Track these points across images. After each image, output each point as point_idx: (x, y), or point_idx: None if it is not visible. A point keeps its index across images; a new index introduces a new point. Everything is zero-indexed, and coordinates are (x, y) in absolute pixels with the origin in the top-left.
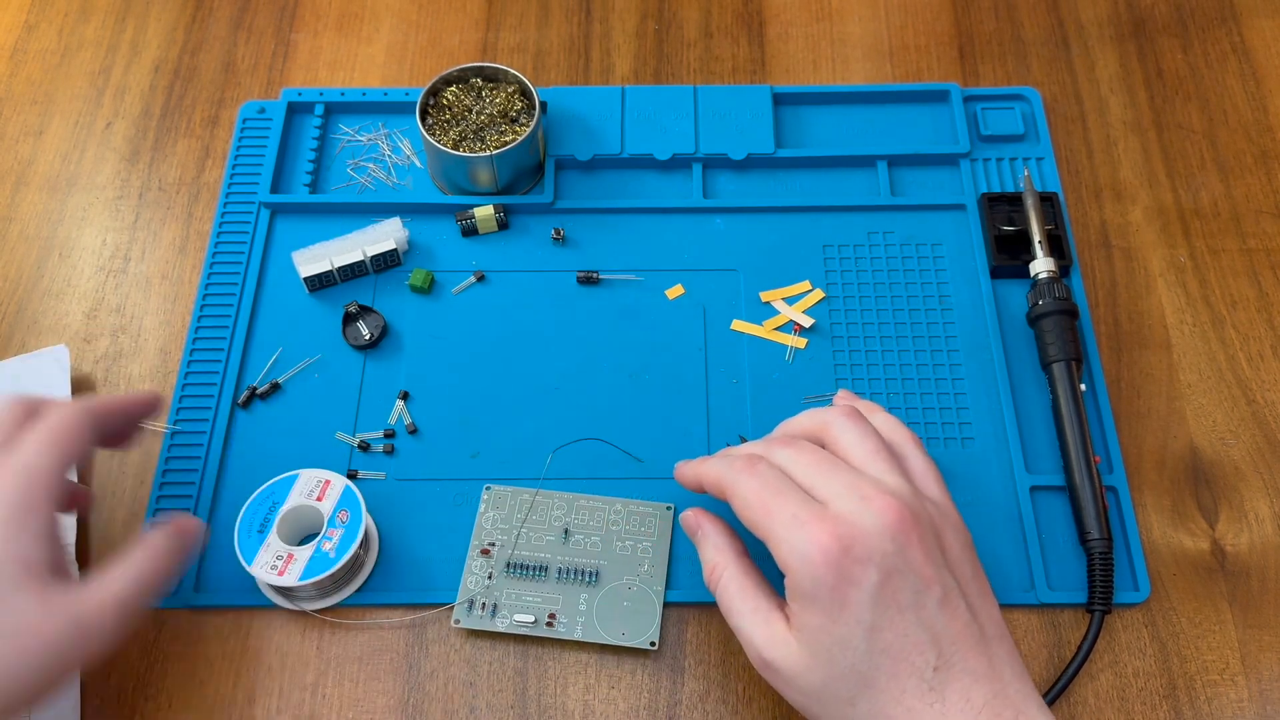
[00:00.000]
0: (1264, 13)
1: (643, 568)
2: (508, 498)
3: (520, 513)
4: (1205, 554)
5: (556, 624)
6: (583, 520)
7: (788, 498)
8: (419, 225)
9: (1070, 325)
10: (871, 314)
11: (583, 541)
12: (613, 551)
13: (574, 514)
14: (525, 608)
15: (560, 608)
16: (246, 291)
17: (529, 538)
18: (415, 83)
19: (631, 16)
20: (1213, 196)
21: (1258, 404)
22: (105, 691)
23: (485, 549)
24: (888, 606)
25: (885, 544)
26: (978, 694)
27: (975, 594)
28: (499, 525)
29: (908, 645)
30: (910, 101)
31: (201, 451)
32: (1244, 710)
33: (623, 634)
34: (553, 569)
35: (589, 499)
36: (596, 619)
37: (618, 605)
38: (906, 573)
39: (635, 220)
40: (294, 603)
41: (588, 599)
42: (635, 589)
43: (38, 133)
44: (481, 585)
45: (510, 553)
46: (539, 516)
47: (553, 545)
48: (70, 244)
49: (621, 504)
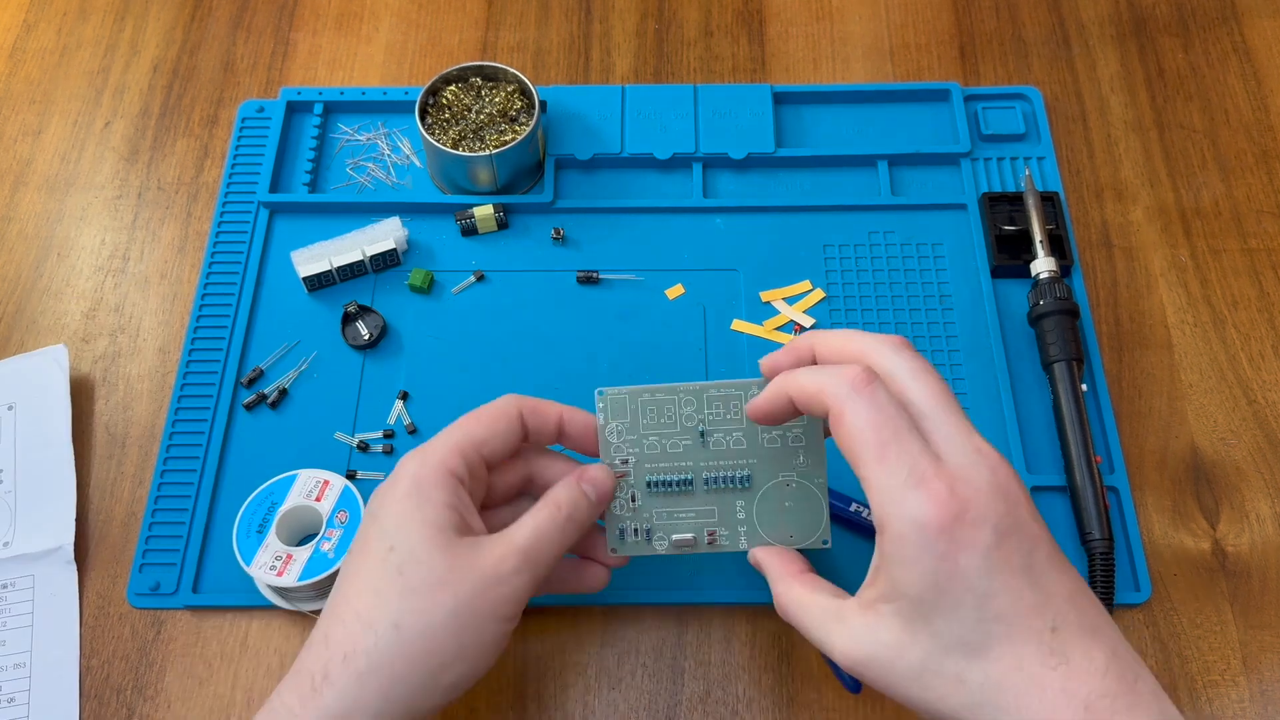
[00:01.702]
0: (1265, 12)
1: (798, 459)
2: (626, 401)
3: (646, 417)
4: (1206, 554)
5: (719, 540)
6: (718, 414)
7: (905, 443)
8: (418, 225)
9: (1071, 325)
10: (872, 314)
11: (724, 441)
12: (759, 446)
13: (707, 408)
14: (681, 526)
15: (717, 520)
16: (245, 291)
17: (663, 446)
18: (415, 82)
19: (631, 15)
20: (1214, 196)
21: (1259, 404)
22: (105, 691)
23: (621, 472)
24: (1001, 569)
25: (999, 503)
26: (1098, 654)
27: None
28: (626, 438)
29: (1023, 609)
30: (911, 101)
31: (200, 451)
32: (1245, 710)
33: (791, 536)
34: (699, 480)
35: (720, 386)
36: (759, 525)
37: (778, 506)
38: (1018, 533)
39: (635, 220)
40: (293, 603)
41: (744, 505)
42: (794, 485)
43: (36, 132)
44: (628, 510)
45: (647, 468)
46: (669, 419)
47: (692, 451)
48: (69, 244)
49: (758, 386)
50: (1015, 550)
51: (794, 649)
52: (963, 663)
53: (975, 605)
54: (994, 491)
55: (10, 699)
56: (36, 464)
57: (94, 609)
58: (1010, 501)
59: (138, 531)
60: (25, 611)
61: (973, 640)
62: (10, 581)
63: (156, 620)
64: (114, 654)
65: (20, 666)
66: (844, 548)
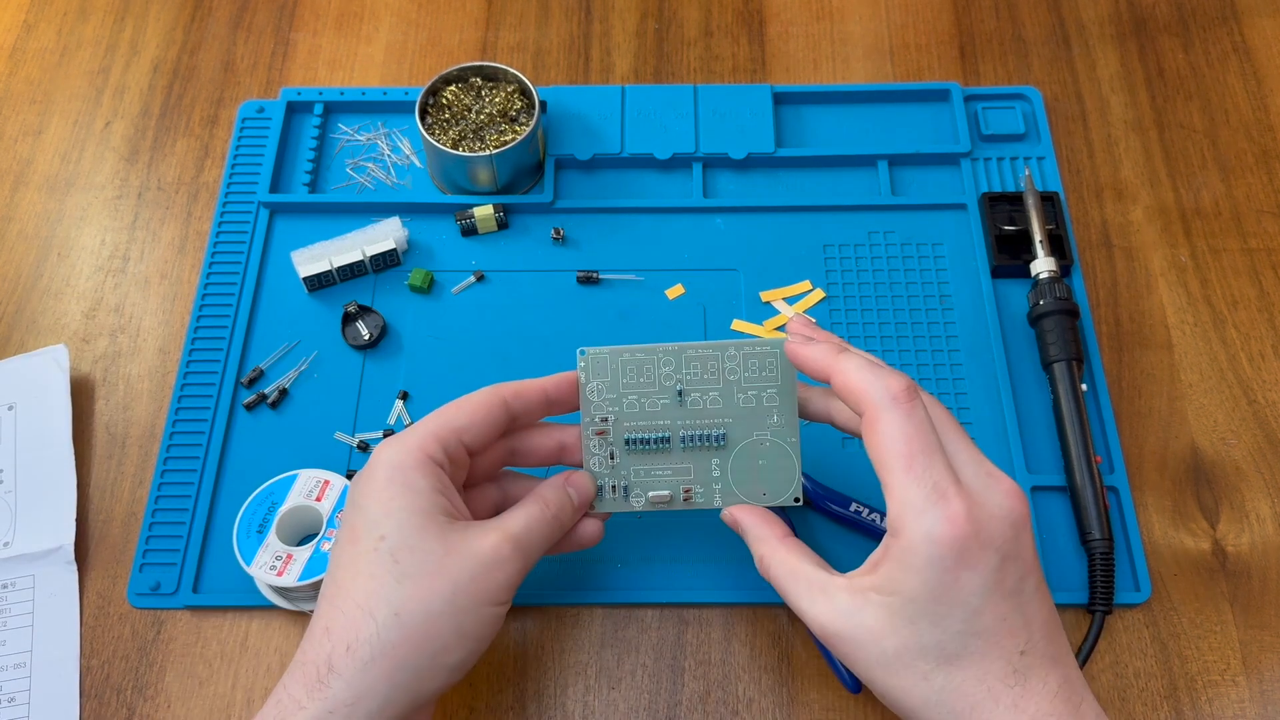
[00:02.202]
0: (1265, 12)
1: (771, 419)
2: (606, 360)
3: (626, 376)
4: (1206, 554)
5: (694, 496)
6: (695, 374)
7: (934, 460)
8: (418, 225)
9: (1071, 325)
10: (872, 314)
11: (700, 400)
12: (735, 405)
13: (685, 368)
14: (657, 483)
15: (693, 478)
16: (245, 291)
17: (641, 405)
18: (415, 82)
19: (631, 15)
20: (1214, 196)
21: (1259, 404)
22: (105, 691)
23: (600, 429)
24: (994, 592)
25: (1006, 530)
26: (1053, 679)
27: None
28: (606, 396)
29: (1003, 630)
30: (911, 101)
31: (201, 451)
32: (1245, 711)
33: (764, 494)
34: (675, 438)
35: (698, 347)
36: (734, 483)
37: (752, 465)
38: (1017, 559)
39: (635, 220)
40: (293, 603)
41: (719, 463)
42: (769, 444)
43: (36, 132)
44: (606, 467)
45: (626, 426)
46: (648, 379)
47: (669, 410)
48: (69, 244)
49: (735, 347)
50: (1011, 575)
51: (794, 649)
52: (933, 665)
53: (963, 619)
54: (1005, 519)
55: (10, 699)
56: (37, 464)
57: (94, 609)
58: (1017, 529)
59: (138, 531)
60: (25, 611)
61: (951, 649)
62: (10, 581)
63: (156, 620)
64: (114, 654)
65: (20, 666)
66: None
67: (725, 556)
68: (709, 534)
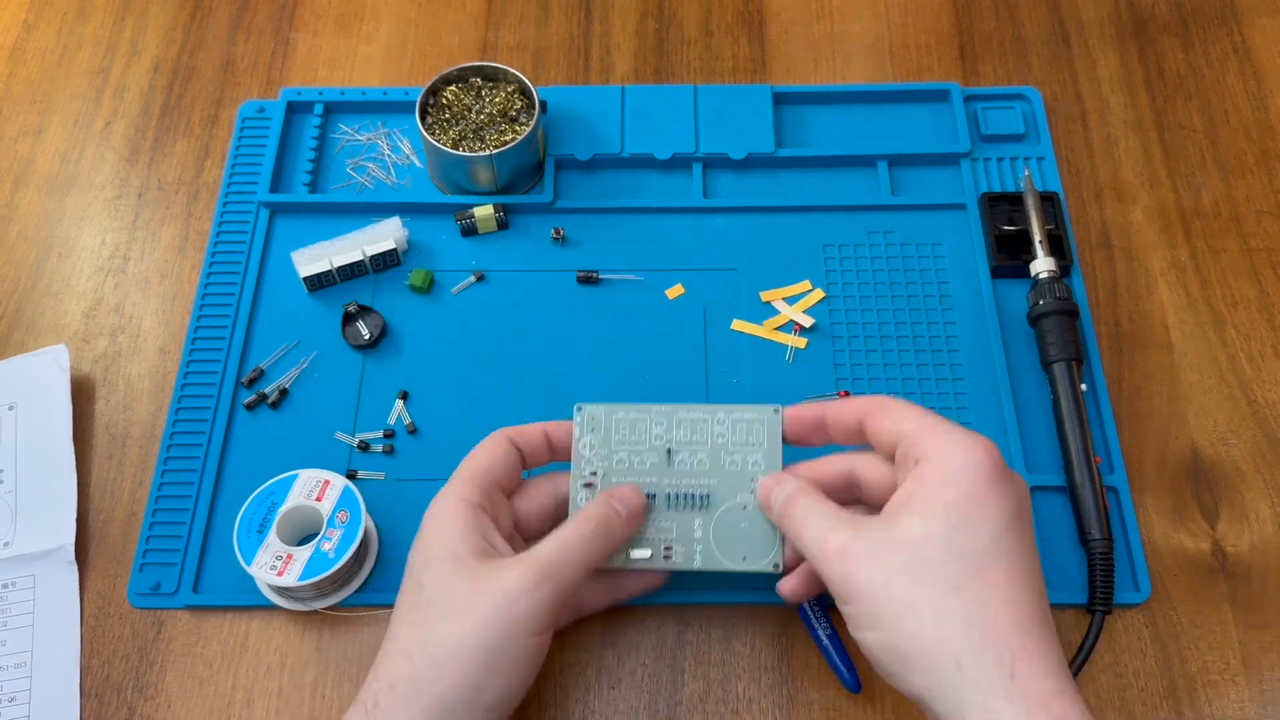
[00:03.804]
0: (1264, 12)
1: (755, 482)
2: (601, 417)
3: (618, 433)
4: (1206, 554)
5: (674, 555)
6: (685, 436)
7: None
8: (418, 225)
9: (1071, 325)
10: (872, 314)
11: (688, 461)
12: (721, 468)
13: (676, 430)
14: (640, 541)
15: (675, 536)
16: (246, 291)
17: (631, 462)
18: (415, 82)
19: (631, 15)
20: (1213, 196)
21: (1258, 404)
22: (105, 691)
23: (589, 482)
24: (1019, 517)
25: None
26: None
27: None
28: (598, 451)
29: (1027, 564)
30: (911, 101)
31: (201, 451)
32: (1245, 710)
33: (743, 558)
34: (660, 496)
35: (690, 409)
36: (714, 545)
37: (734, 528)
38: (1028, 520)
39: (635, 220)
40: (293, 603)
41: (702, 524)
42: (750, 508)
43: (37, 132)
44: None
45: (614, 481)
46: (639, 437)
47: (657, 468)
48: (69, 244)
49: (724, 412)
50: (1028, 512)
51: (794, 649)
52: (967, 573)
53: (999, 527)
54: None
55: (10, 699)
56: (37, 464)
57: (94, 609)
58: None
59: (138, 531)
60: (26, 611)
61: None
62: (11, 581)
63: (156, 620)
64: (114, 654)
65: (20, 666)
66: None
67: None
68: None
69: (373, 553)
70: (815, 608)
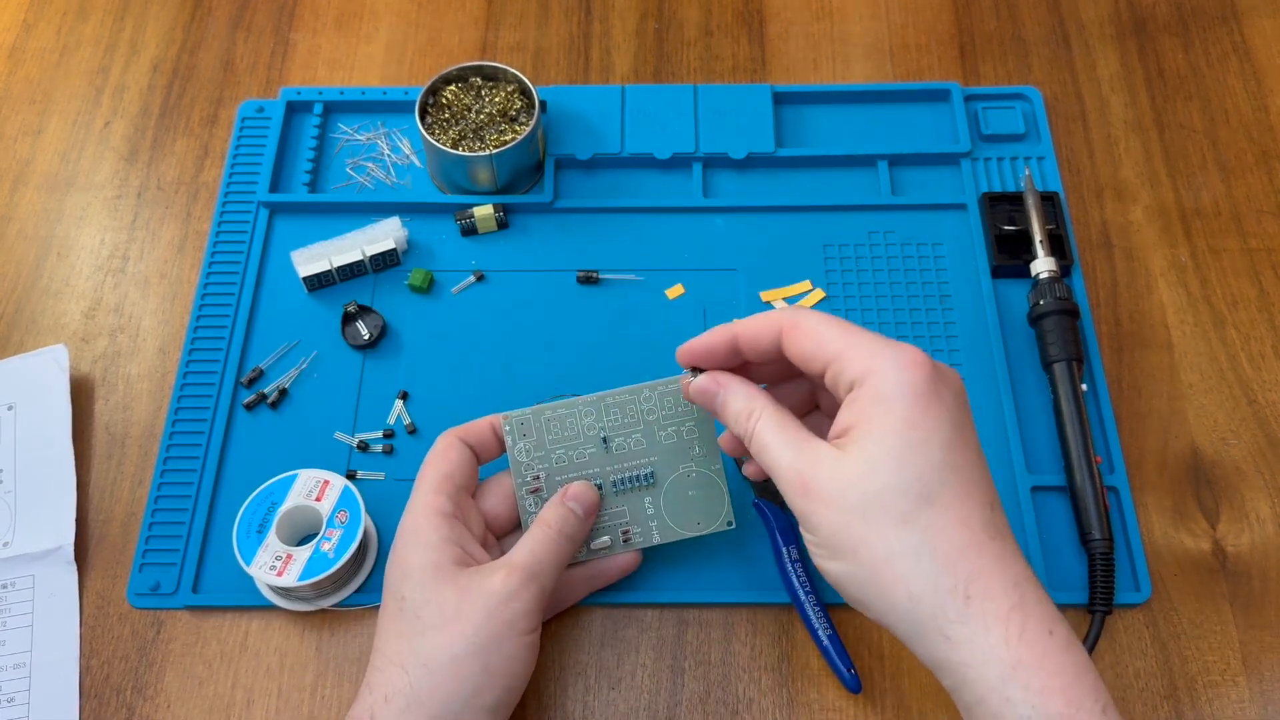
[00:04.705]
0: (1264, 12)
1: (694, 450)
2: (530, 420)
3: (550, 433)
4: (1206, 554)
5: (633, 537)
6: (616, 420)
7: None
8: (418, 225)
9: (1071, 325)
10: (872, 314)
11: (625, 444)
12: (659, 444)
13: (606, 416)
14: (598, 530)
15: (629, 519)
16: (245, 291)
17: (570, 457)
18: (414, 82)
19: (631, 15)
20: (1214, 196)
21: (1259, 404)
22: (105, 691)
23: (534, 488)
24: (962, 427)
25: (949, 373)
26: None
27: None
28: (534, 455)
29: (974, 475)
30: (911, 101)
31: (200, 451)
32: (1245, 711)
33: (698, 524)
34: (607, 484)
35: (615, 394)
36: (668, 518)
37: (683, 497)
38: (966, 403)
39: (635, 220)
40: (293, 603)
41: (652, 501)
42: (695, 475)
43: (36, 132)
44: None
45: (558, 480)
46: (572, 431)
47: (597, 457)
48: (69, 243)
49: (649, 389)
50: (968, 416)
51: (794, 649)
52: (915, 504)
53: (942, 446)
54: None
55: (10, 699)
56: (36, 464)
57: (94, 609)
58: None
59: (138, 531)
60: (25, 611)
61: (930, 484)
62: (10, 581)
63: (156, 620)
64: (114, 654)
65: (20, 666)
66: None
67: (725, 557)
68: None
69: (372, 553)
70: (815, 608)
